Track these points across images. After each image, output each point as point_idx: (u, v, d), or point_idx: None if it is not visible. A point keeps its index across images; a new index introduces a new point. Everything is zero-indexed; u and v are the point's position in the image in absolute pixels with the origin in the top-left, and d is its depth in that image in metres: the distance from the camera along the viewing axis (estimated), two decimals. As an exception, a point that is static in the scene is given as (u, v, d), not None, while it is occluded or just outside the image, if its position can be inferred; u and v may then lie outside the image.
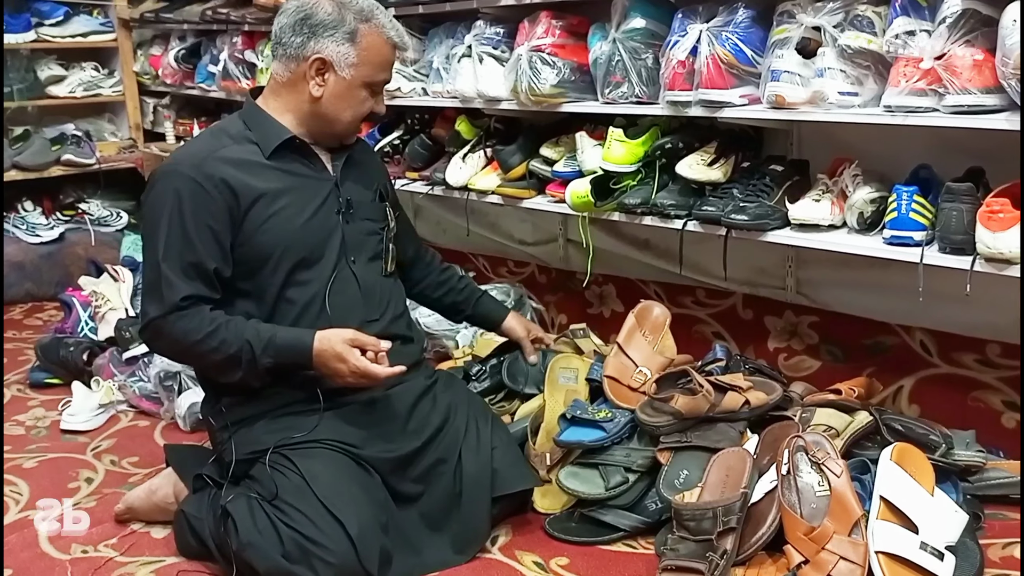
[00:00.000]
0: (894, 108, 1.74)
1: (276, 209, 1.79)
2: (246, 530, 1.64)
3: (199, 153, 1.79)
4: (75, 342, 2.84)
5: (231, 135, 1.84)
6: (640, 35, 2.15)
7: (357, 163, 1.95)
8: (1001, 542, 1.72)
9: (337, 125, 1.85)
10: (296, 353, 1.73)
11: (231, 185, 1.75)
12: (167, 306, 1.72)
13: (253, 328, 1.74)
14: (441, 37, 2.68)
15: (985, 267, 1.67)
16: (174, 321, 1.72)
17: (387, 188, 2.05)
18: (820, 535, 1.55)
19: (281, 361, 1.74)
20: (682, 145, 2.17)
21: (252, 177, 1.78)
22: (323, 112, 1.83)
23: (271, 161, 1.82)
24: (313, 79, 1.81)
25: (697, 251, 2.37)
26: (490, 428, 1.90)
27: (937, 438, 1.85)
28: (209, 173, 1.74)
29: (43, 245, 3.77)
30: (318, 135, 1.87)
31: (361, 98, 1.84)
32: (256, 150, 1.82)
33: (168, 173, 1.78)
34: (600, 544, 1.80)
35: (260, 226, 1.77)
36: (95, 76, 4.11)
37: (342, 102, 1.82)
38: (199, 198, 1.73)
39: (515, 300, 2.82)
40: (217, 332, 1.72)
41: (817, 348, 2.35)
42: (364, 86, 1.83)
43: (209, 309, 1.75)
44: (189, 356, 1.83)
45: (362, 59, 1.80)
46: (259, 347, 1.72)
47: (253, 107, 1.88)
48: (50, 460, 2.30)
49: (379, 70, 1.84)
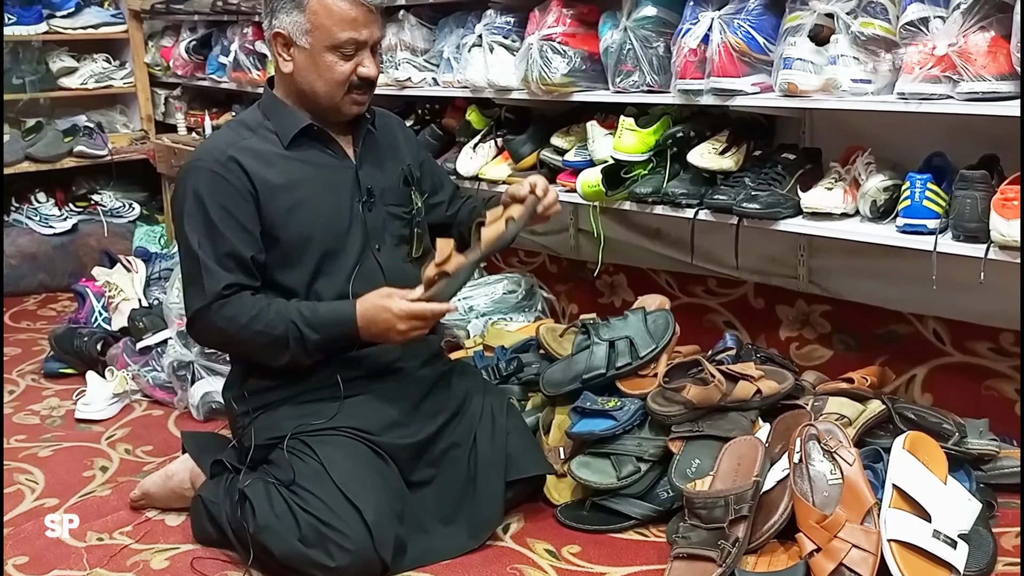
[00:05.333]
0: (908, 95, 1.73)
1: (295, 202, 1.79)
2: (263, 513, 1.65)
3: (219, 146, 1.80)
4: (89, 332, 2.86)
5: (250, 127, 1.84)
6: (651, 23, 2.14)
7: (380, 146, 1.93)
8: (1014, 530, 1.72)
9: (319, 99, 1.81)
10: (341, 323, 1.74)
11: (251, 178, 1.76)
12: (210, 296, 1.73)
13: (295, 307, 1.75)
14: (452, 27, 2.67)
15: (999, 255, 1.67)
16: (217, 310, 1.74)
17: (418, 166, 2.00)
18: (832, 523, 1.55)
19: (328, 335, 1.74)
20: (693, 134, 2.17)
21: (270, 170, 1.78)
22: (301, 88, 1.81)
23: (290, 151, 1.82)
24: (280, 56, 1.80)
25: (708, 240, 2.37)
26: (505, 414, 1.91)
27: (950, 426, 1.84)
28: (230, 166, 1.75)
29: (56, 236, 3.79)
30: (318, 114, 1.84)
31: (329, 63, 1.77)
32: (276, 140, 1.82)
33: (191, 169, 1.80)
34: (612, 532, 1.81)
35: (281, 221, 1.78)
36: (107, 68, 4.12)
37: (311, 72, 1.79)
38: (223, 190, 1.74)
39: (526, 290, 2.82)
40: (261, 315, 1.74)
41: (829, 337, 2.35)
42: (329, 50, 1.76)
43: (251, 294, 1.76)
44: (237, 343, 1.81)
45: (314, 23, 1.76)
46: (304, 325, 1.73)
47: (270, 97, 1.88)
48: (65, 449, 2.32)
49: (338, 29, 1.75)
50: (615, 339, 2.03)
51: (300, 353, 1.75)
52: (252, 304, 1.75)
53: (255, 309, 1.74)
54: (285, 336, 1.74)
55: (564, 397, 2.04)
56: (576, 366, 2.04)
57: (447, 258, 1.71)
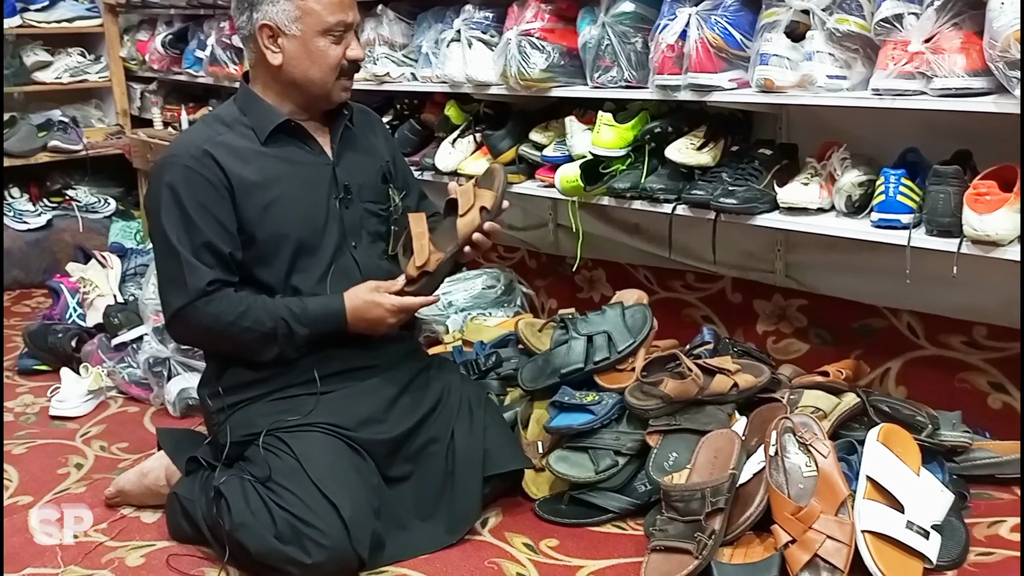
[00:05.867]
0: (882, 91, 1.75)
1: (271, 199, 1.78)
2: (239, 511, 1.64)
3: (194, 142, 1.79)
4: (63, 328, 2.83)
5: (226, 122, 1.83)
6: (629, 19, 2.14)
7: (358, 142, 1.92)
8: (986, 521, 1.74)
9: (313, 87, 1.80)
10: (330, 318, 1.76)
11: (227, 174, 1.75)
12: (193, 292, 1.72)
13: (283, 304, 1.76)
14: (430, 22, 2.67)
15: (972, 249, 1.68)
16: (202, 307, 1.73)
17: (394, 163, 2.00)
18: (807, 515, 1.56)
19: (317, 330, 1.76)
20: (671, 129, 2.17)
21: (246, 167, 1.77)
22: (292, 78, 1.80)
23: (267, 147, 1.81)
24: (267, 49, 1.79)
25: (687, 235, 2.37)
26: (483, 409, 1.91)
27: (923, 419, 1.86)
28: (205, 161, 1.74)
29: (30, 232, 3.76)
30: (305, 106, 1.84)
31: (322, 48, 1.77)
32: (252, 136, 1.81)
33: (165, 165, 1.79)
34: (590, 526, 1.81)
35: (256, 218, 1.77)
36: (81, 62, 4.08)
37: (304, 61, 1.78)
38: (199, 185, 1.73)
39: (505, 285, 2.82)
40: (249, 312, 1.73)
41: (806, 331, 2.36)
42: (320, 35, 1.76)
43: (233, 291, 1.76)
44: (222, 340, 1.79)
45: (303, 9, 1.75)
46: (294, 321, 1.74)
47: (246, 91, 1.86)
48: (39, 446, 2.29)
49: (327, 12, 1.75)
50: (593, 334, 2.04)
51: (288, 348, 1.76)
52: (238, 301, 1.74)
53: (242, 305, 1.74)
54: (274, 332, 1.74)
55: (542, 392, 2.05)
56: (554, 361, 2.05)
57: (427, 260, 1.78)
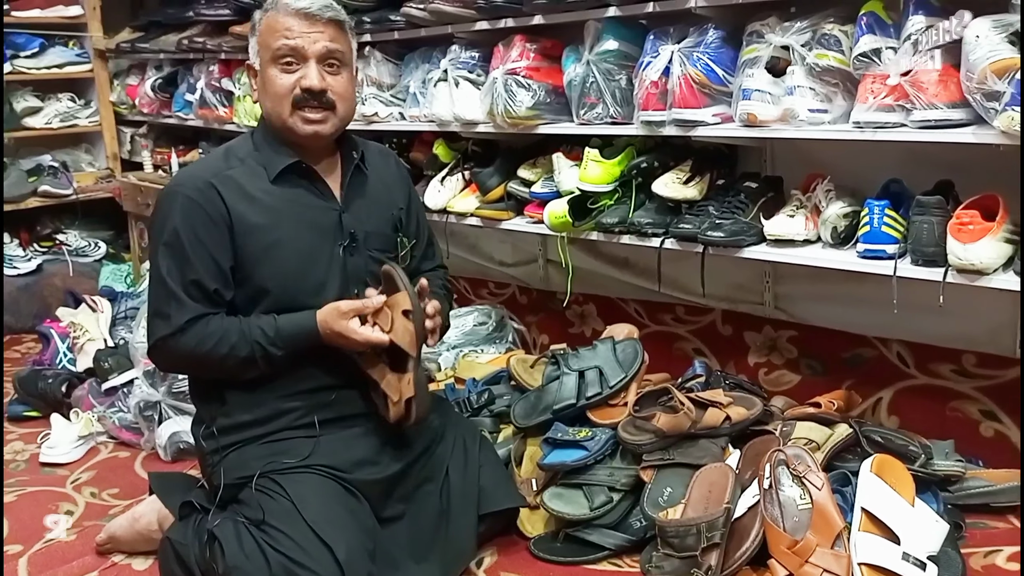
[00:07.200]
0: (863, 124, 1.77)
1: (272, 241, 1.76)
2: (232, 554, 1.62)
3: (202, 174, 1.78)
4: (53, 374, 2.81)
5: (239, 156, 1.82)
6: (613, 57, 2.18)
7: (369, 186, 1.90)
8: (983, 551, 1.74)
9: (272, 118, 1.80)
10: (304, 339, 1.75)
11: (229, 210, 1.74)
12: (174, 326, 1.72)
13: (256, 327, 1.74)
14: (417, 62, 2.70)
15: (957, 278, 1.70)
16: (180, 337, 1.73)
17: (408, 209, 1.97)
18: (803, 548, 1.56)
19: (292, 348, 1.75)
20: (657, 164, 2.20)
21: (251, 207, 1.76)
22: (265, 114, 1.83)
23: (275, 186, 1.80)
24: (253, 89, 1.85)
25: (675, 269, 2.39)
26: (478, 447, 1.90)
27: (916, 449, 1.87)
28: (209, 194, 1.74)
29: (20, 277, 3.75)
30: (290, 143, 1.81)
31: (271, 76, 1.77)
32: (262, 172, 1.80)
33: (169, 193, 1.78)
34: (586, 564, 1.80)
35: (256, 260, 1.75)
36: (71, 107, 4.11)
37: (263, 92, 1.81)
38: (198, 217, 1.73)
39: (496, 321, 2.82)
40: (225, 338, 1.73)
41: (796, 362, 2.37)
42: (271, 63, 1.77)
43: (215, 316, 1.75)
44: (204, 367, 1.79)
45: (261, 42, 1.79)
46: (268, 344, 1.73)
47: (264, 127, 1.86)
48: (29, 494, 2.27)
49: (273, 39, 1.76)
50: (585, 369, 2.04)
51: (268, 367, 1.75)
52: (215, 327, 1.73)
53: (220, 331, 1.73)
54: (252, 356, 1.73)
55: (535, 428, 2.04)
56: (547, 397, 2.04)
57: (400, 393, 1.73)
